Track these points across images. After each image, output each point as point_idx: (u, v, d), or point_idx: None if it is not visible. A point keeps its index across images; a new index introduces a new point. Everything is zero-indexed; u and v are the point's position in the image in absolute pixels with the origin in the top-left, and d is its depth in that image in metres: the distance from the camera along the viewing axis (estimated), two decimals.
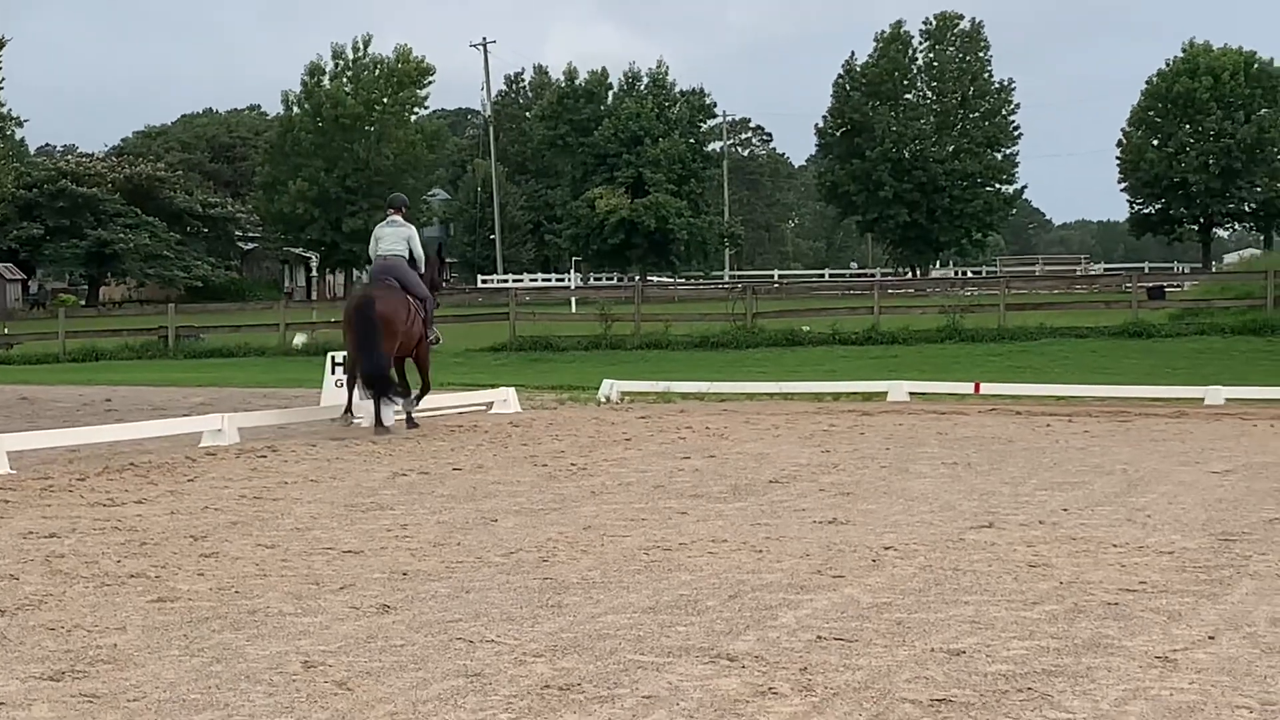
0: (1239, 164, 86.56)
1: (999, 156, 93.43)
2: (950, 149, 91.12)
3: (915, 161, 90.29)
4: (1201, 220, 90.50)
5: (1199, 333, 38.76)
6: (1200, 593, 9.56)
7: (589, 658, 7.90)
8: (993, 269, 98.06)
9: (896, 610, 9.07)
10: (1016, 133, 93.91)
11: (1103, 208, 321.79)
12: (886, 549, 11.28)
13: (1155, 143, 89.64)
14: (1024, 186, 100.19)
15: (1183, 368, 33.08)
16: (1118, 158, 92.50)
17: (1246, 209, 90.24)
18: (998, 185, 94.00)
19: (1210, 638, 8.29)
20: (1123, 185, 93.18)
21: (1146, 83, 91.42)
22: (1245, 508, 13.36)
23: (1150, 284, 49.42)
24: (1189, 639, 8.27)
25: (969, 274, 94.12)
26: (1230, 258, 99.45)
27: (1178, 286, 56.26)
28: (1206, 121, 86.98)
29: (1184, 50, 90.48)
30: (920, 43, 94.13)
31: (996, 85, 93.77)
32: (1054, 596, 9.46)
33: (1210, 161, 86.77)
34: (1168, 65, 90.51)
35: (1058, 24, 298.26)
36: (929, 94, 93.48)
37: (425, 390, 22.92)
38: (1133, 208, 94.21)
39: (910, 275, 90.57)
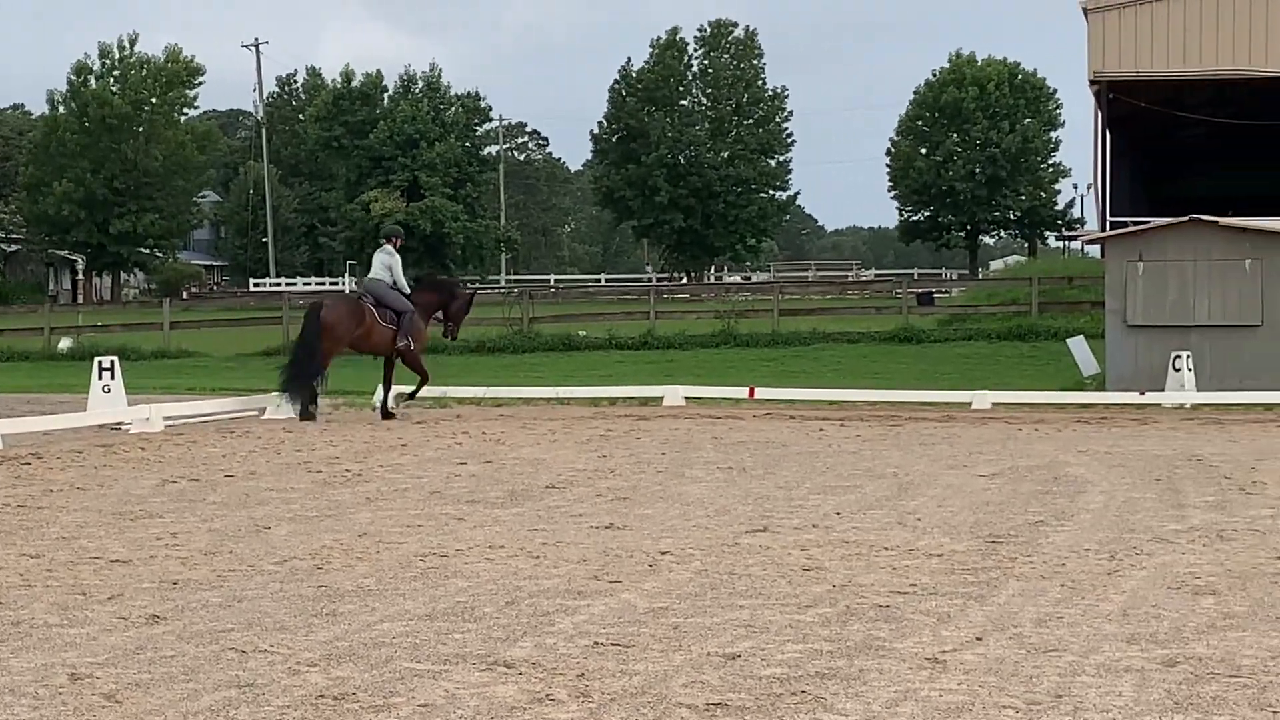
0: (1004, 172, 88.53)
1: (773, 163, 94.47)
2: (725, 155, 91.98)
3: (691, 167, 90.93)
4: (969, 227, 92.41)
5: (967, 338, 39.60)
6: (969, 594, 9.75)
7: (364, 666, 7.84)
8: (767, 274, 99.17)
9: (673, 615, 9.12)
10: (790, 139, 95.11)
11: (873, 214, 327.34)
12: (663, 554, 11.34)
13: (924, 151, 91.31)
14: (797, 193, 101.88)
15: (951, 372, 33.75)
16: (888, 165, 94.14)
17: (1011, 216, 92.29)
18: (772, 191, 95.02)
19: (978, 639, 8.46)
20: (893, 192, 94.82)
21: (915, 92, 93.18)
22: (1011, 510, 13.67)
23: (920, 290, 50.37)
24: (958, 640, 8.43)
25: (742, 279, 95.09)
26: (996, 264, 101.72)
27: (946, 293, 57.41)
28: (973, 131, 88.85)
29: (951, 61, 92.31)
30: (696, 49, 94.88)
31: (770, 92, 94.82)
32: (827, 599, 9.58)
33: (977, 170, 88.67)
34: (935, 76, 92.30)
35: (830, 32, 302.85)
36: (704, 100, 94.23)
37: (423, 382, 25.66)
38: (902, 215, 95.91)
39: (686, 280, 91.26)
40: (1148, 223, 33.24)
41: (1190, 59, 45.95)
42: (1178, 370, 26.93)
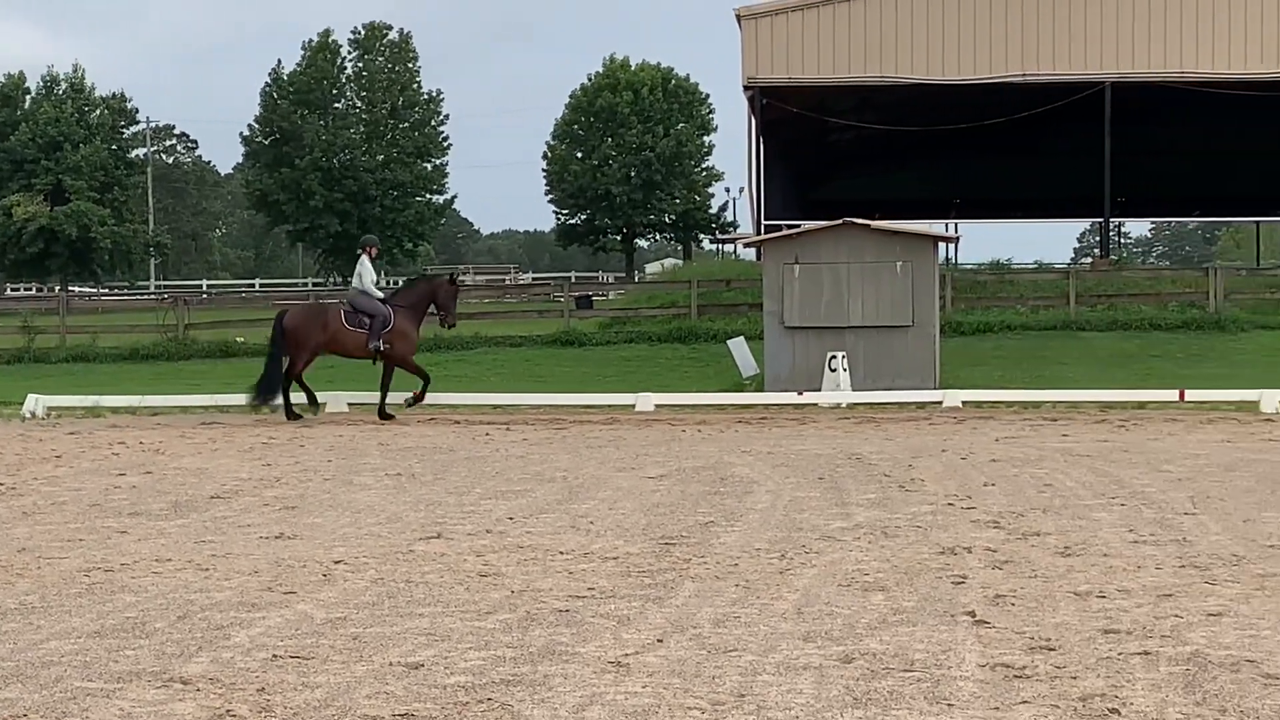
0: (659, 176, 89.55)
1: (429, 167, 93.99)
2: (381, 159, 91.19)
3: (346, 171, 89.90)
4: (625, 230, 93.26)
5: (628, 340, 39.92)
6: (646, 596, 9.82)
7: (33, 687, 7.55)
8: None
9: (351, 625, 8.99)
10: (446, 143, 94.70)
11: (529, 218, 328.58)
12: (337, 563, 11.18)
13: (580, 155, 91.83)
14: (454, 196, 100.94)
15: (613, 375, 34.03)
16: (544, 169, 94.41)
17: (667, 220, 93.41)
18: (428, 195, 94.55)
19: (659, 641, 8.51)
20: (549, 196, 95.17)
21: (570, 97, 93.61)
22: (681, 511, 13.82)
23: (579, 293, 50.66)
24: (639, 643, 8.47)
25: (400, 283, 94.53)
26: (652, 267, 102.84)
27: (604, 296, 57.86)
28: (628, 135, 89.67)
29: (605, 66, 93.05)
30: (349, 52, 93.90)
31: (426, 96, 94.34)
32: (506, 605, 9.55)
33: (632, 174, 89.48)
34: (590, 80, 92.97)
35: (484, 36, 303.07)
36: (359, 103, 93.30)
37: (424, 381, 26.65)
38: (559, 218, 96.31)
39: (343, 284, 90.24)
40: (802, 226, 34.02)
41: (840, 66, 47.29)
42: (833, 370, 27.63)
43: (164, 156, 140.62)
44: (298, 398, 26.33)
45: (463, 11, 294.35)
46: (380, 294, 27.09)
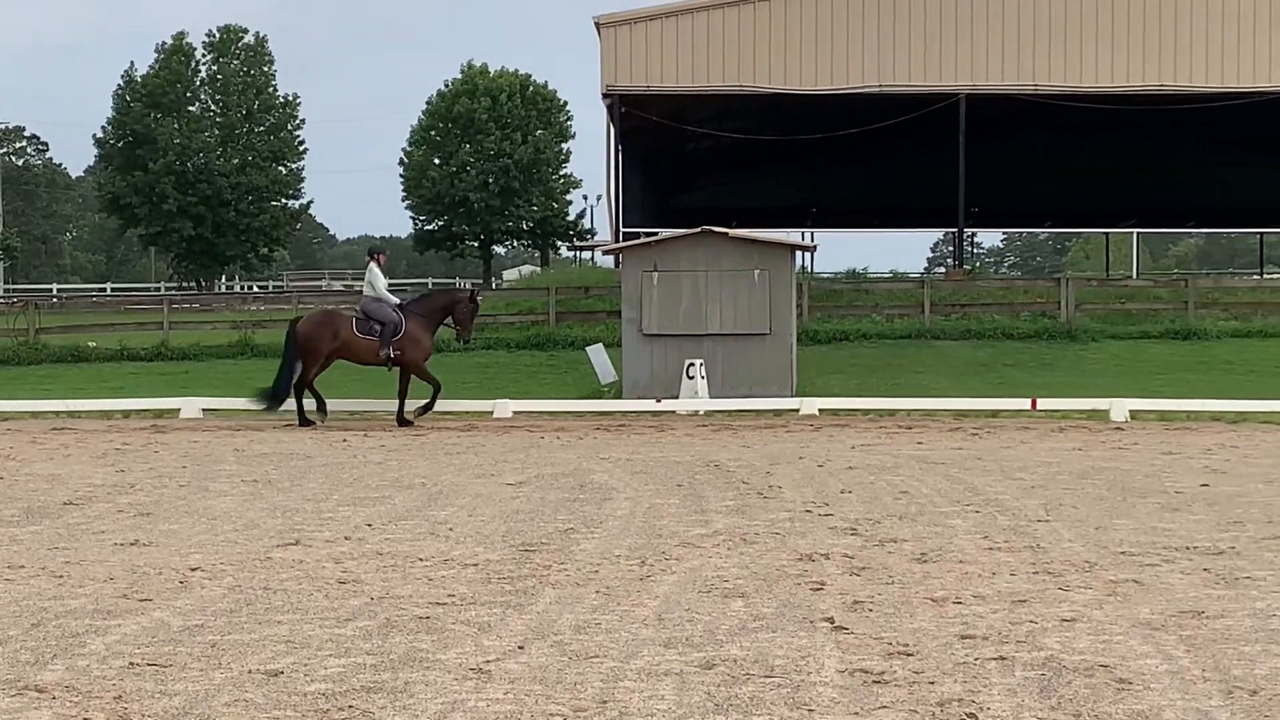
0: (517, 183, 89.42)
1: (285, 171, 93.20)
2: (236, 162, 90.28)
3: (200, 175, 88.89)
4: (482, 237, 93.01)
5: (486, 347, 39.75)
6: (507, 603, 9.81)
7: None
8: (280, 284, 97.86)
9: (209, 632, 8.91)
10: (302, 147, 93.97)
11: (386, 224, 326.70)
12: (193, 570, 11.07)
13: (437, 161, 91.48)
14: (310, 201, 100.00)
15: (471, 381, 33.92)
16: (401, 175, 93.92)
17: (524, 227, 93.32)
18: (284, 200, 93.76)
19: (520, 647, 8.51)
20: (406, 202, 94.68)
21: (428, 102, 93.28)
22: (541, 518, 13.82)
23: None
24: (500, 649, 8.47)
25: (256, 289, 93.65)
26: (509, 274, 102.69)
27: None
28: (486, 141, 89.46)
29: (463, 71, 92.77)
30: (204, 55, 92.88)
31: (282, 99, 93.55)
32: (366, 612, 9.50)
33: (490, 180, 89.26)
34: (448, 86, 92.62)
35: (341, 40, 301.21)
36: (214, 107, 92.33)
37: (435, 389, 26.39)
38: (416, 224, 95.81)
39: (197, 289, 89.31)
40: (660, 233, 34.12)
41: (699, 75, 47.50)
42: (691, 378, 27.74)
43: (13, 159, 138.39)
44: (308, 403, 26.31)
45: (321, 16, 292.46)
46: (396, 300, 26.98)
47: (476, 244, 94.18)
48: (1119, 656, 8.24)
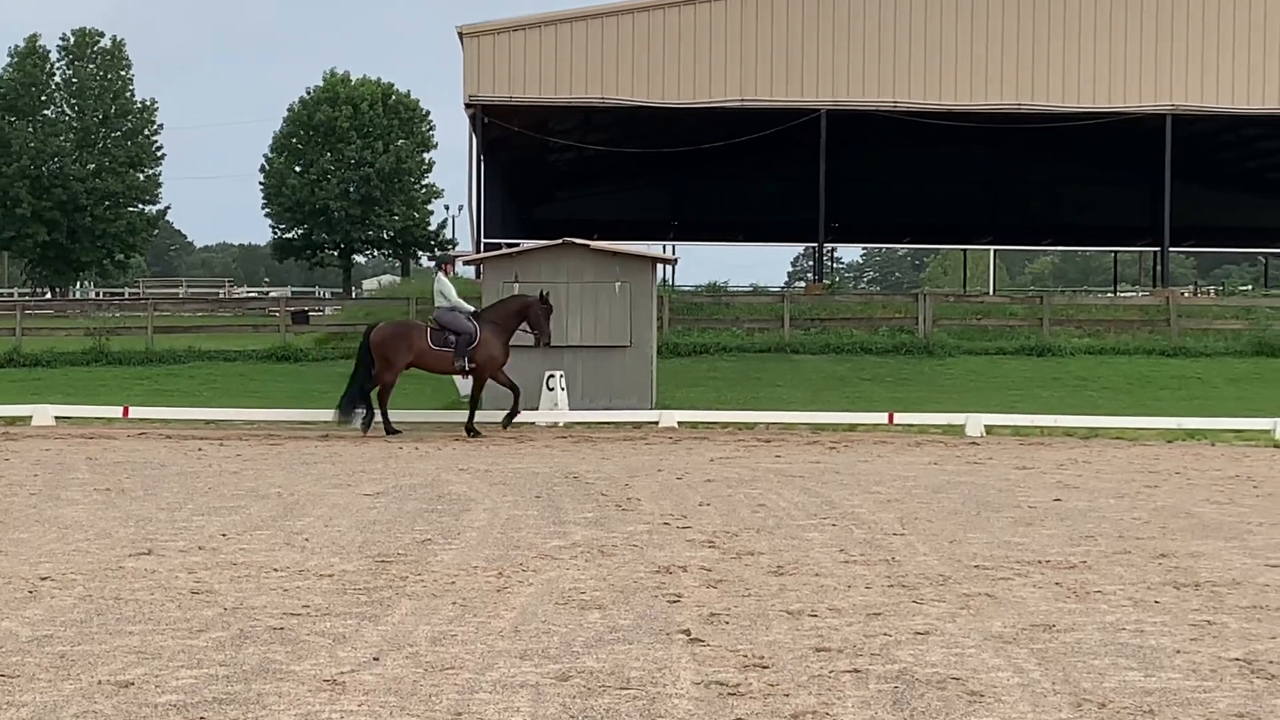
0: (378, 192, 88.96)
1: (142, 177, 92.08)
2: (91, 167, 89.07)
3: (55, 179, 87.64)
4: (343, 246, 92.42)
5: (344, 357, 39.37)
6: (363, 614, 9.74)
7: None
8: (136, 291, 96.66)
9: (59, 643, 8.77)
10: (160, 153, 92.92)
11: (245, 231, 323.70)
12: (43, 579, 10.89)
13: (298, 169, 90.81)
14: (167, 207, 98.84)
15: (330, 391, 33.55)
16: (261, 182, 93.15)
17: (385, 236, 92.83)
18: (141, 206, 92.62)
19: (375, 659, 8.46)
20: (266, 210, 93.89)
21: (289, 109, 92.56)
22: (398, 529, 13.74)
23: (295, 309, 50.07)
24: (355, 661, 8.41)
25: (111, 295, 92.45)
26: (369, 283, 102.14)
27: (320, 311, 57.26)
28: (347, 150, 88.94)
29: (325, 79, 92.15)
30: (59, 59, 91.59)
31: (139, 105, 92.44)
32: (219, 623, 9.40)
33: (351, 189, 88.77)
34: (309, 93, 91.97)
35: (202, 46, 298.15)
36: (69, 111, 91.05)
37: (516, 394, 26.25)
38: (276, 232, 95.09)
39: (51, 296, 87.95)
40: (522, 245, 34.07)
41: (561, 86, 47.52)
42: (552, 389, 27.70)
43: None
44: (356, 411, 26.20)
45: (180, 20, 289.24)
46: (470, 309, 26.70)
47: (336, 253, 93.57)
48: (971, 669, 8.33)
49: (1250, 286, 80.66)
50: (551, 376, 27.64)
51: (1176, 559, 12.28)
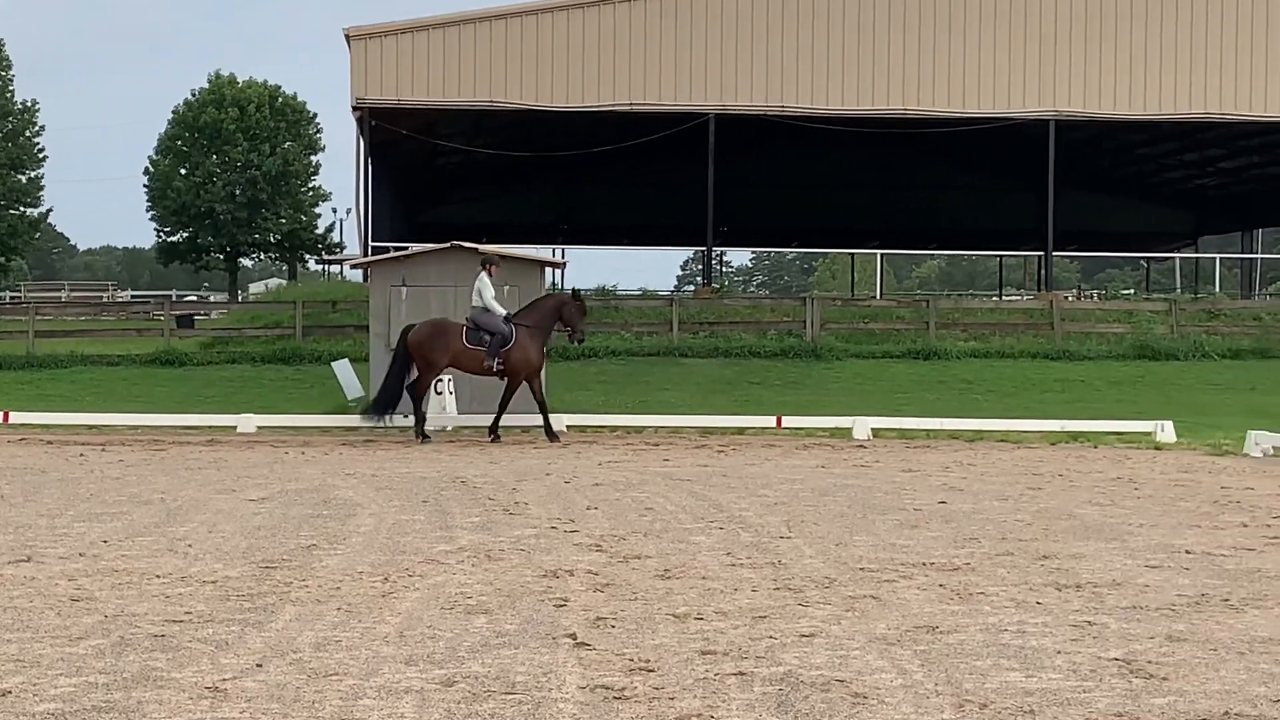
0: (265, 195, 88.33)
1: (23, 179, 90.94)
2: None
3: None
4: (229, 249, 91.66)
5: (230, 361, 39.24)
6: (246, 621, 9.65)
7: None
8: (17, 294, 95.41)
9: None
10: (42, 155, 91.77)
11: (129, 234, 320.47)
12: None
13: (183, 171, 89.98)
14: (50, 210, 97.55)
15: (215, 396, 33.45)
16: (145, 185, 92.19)
17: (272, 239, 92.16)
18: (22, 208, 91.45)
19: (258, 665, 8.38)
20: (151, 213, 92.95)
21: (174, 112, 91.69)
22: (283, 534, 13.63)
23: (180, 312, 49.66)
24: (238, 668, 8.33)
25: None
26: (256, 287, 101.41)
27: (206, 315, 56.78)
28: (234, 152, 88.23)
29: (211, 81, 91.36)
30: None
31: (20, 105, 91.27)
32: (99, 630, 9.28)
33: (238, 192, 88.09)
34: (195, 96, 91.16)
35: (85, 46, 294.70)
36: None
37: (543, 410, 26.23)
38: (160, 235, 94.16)
39: None
40: (410, 248, 33.93)
41: (450, 89, 47.37)
42: (439, 393, 27.59)
43: None
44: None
45: (62, 20, 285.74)
46: (504, 311, 26.40)
47: (222, 256, 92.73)
48: (855, 671, 8.37)
49: (1132, 291, 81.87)
50: (439, 381, 27.51)
51: (1058, 560, 12.41)
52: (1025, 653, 8.89)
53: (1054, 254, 52.64)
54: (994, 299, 69.29)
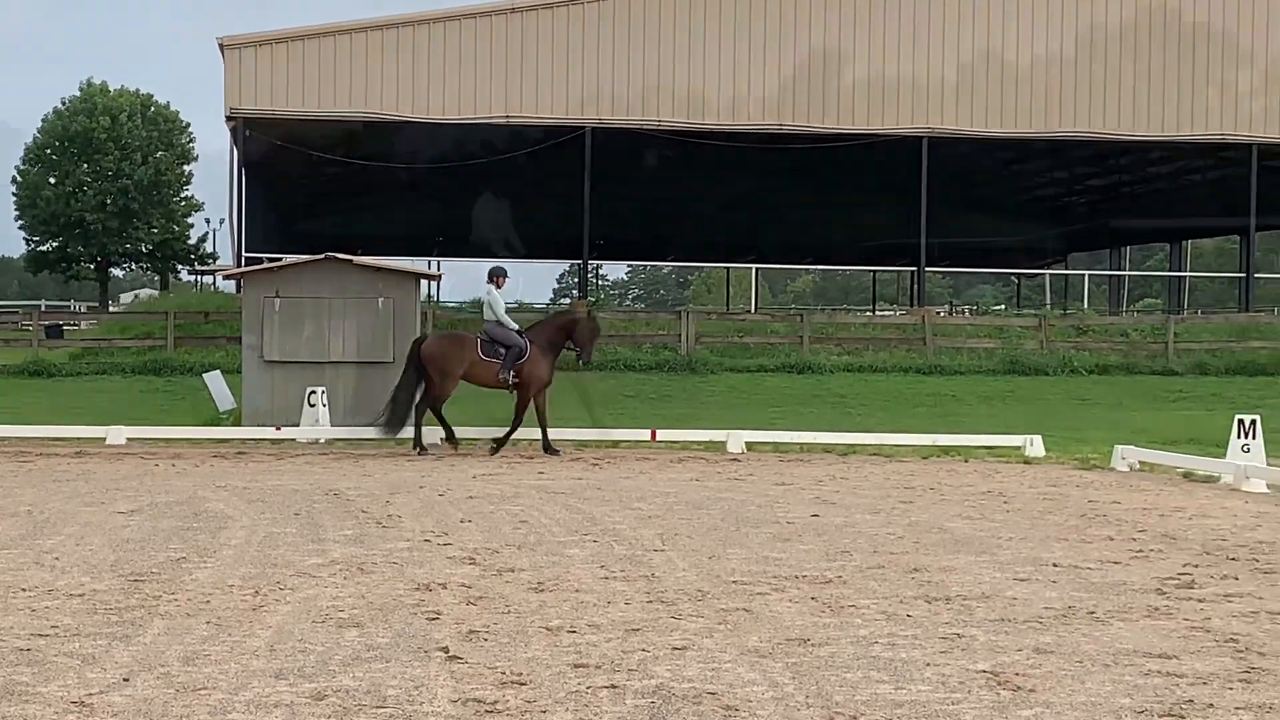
0: (136, 204, 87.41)
1: None
2: None
3: None
4: (99, 259, 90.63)
5: (100, 372, 38.80)
6: (113, 634, 9.53)
7: None
8: None
9: None
10: None
11: None
12: None
13: (53, 180, 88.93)
14: None
15: (84, 407, 32.99)
16: (14, 194, 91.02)
17: (144, 249, 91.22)
18: None
19: (125, 680, 8.29)
20: (19, 222, 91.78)
21: (44, 120, 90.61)
22: (152, 547, 13.48)
23: (48, 322, 48.98)
24: (104, 682, 8.23)
25: None
26: (126, 297, 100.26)
27: (76, 325, 56.08)
28: (105, 161, 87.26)
29: (82, 89, 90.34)
30: None
31: None
32: None
33: (109, 201, 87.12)
34: (65, 104, 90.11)
35: None
36: None
37: (515, 424, 25.99)
38: (29, 244, 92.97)
39: None
40: (284, 259, 33.67)
41: (325, 100, 47.14)
42: (313, 406, 27.38)
43: None
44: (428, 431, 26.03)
45: None
46: (515, 325, 26.43)
47: (93, 266, 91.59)
48: (727, 684, 8.40)
49: (1003, 306, 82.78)
50: (313, 393, 27.32)
51: (929, 573, 12.52)
52: (895, 665, 8.97)
53: (926, 269, 53.17)
54: (867, 314, 69.85)
